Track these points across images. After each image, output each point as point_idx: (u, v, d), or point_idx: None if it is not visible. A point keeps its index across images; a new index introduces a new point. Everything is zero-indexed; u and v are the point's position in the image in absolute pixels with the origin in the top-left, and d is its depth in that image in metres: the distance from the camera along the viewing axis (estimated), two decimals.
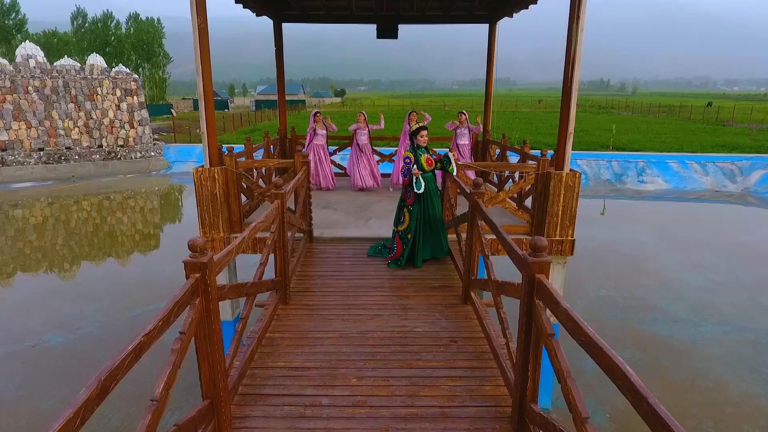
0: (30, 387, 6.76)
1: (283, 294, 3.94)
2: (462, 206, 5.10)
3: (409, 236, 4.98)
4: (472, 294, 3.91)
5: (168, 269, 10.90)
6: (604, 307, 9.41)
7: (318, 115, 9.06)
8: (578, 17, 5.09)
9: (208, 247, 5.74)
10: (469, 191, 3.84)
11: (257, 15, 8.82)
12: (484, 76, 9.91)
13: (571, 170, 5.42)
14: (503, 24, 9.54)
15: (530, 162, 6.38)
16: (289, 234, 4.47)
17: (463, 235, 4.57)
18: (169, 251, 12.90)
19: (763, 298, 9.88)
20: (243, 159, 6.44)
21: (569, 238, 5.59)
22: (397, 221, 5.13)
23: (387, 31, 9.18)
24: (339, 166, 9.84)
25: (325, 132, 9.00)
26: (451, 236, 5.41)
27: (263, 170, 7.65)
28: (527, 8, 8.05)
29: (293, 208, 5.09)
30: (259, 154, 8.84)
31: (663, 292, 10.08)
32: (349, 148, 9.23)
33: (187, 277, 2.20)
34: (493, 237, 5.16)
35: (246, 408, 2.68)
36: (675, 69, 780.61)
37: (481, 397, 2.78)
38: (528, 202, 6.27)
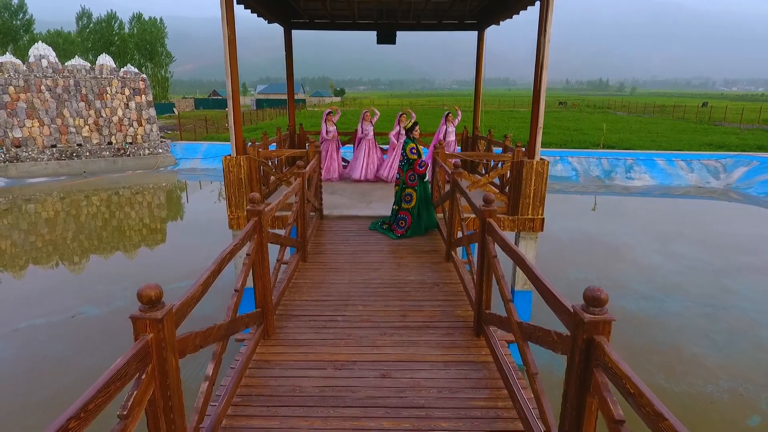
0: (74, 349, 7.77)
1: (303, 253, 4.98)
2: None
3: (414, 211, 6.09)
4: (453, 254, 4.94)
5: (179, 258, 11.86)
6: (581, 287, 10.30)
7: (330, 114, 10.07)
8: (546, 30, 6.10)
9: (234, 225, 6.77)
10: (450, 171, 4.86)
11: (269, 22, 9.82)
12: (482, 76, 10.87)
13: (540, 159, 6.43)
14: (506, 25, 10.40)
15: (508, 153, 7.38)
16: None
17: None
18: (178, 243, 13.83)
19: (726, 280, 10.90)
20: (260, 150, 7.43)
21: (539, 216, 6.60)
22: (402, 201, 6.18)
23: (386, 37, 10.18)
24: (345, 160, 10.78)
25: (334, 129, 10.00)
26: (439, 215, 6.43)
27: (276, 161, 8.66)
28: (511, 17, 9.06)
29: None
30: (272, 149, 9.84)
31: (636, 275, 11.10)
32: (351, 145, 10.22)
33: (248, 221, 3.21)
34: (472, 216, 6.19)
35: (282, 322, 3.71)
36: (674, 69, 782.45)
37: (453, 317, 3.82)
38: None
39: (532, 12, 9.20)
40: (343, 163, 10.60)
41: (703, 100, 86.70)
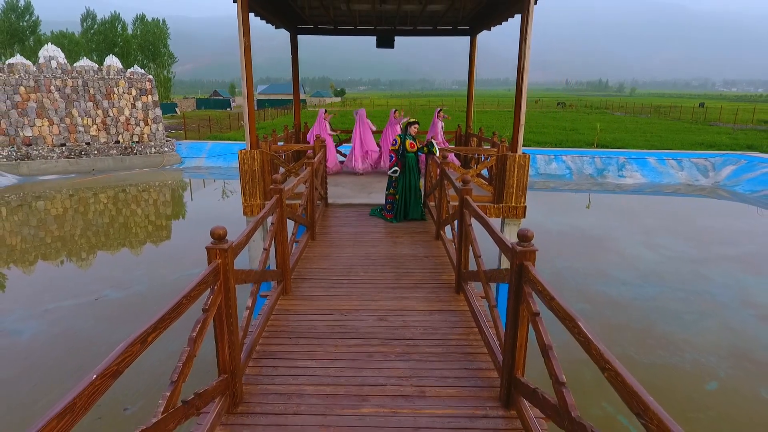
0: (101, 327, 8.52)
1: (312, 232, 5.76)
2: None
3: (397, 197, 6.87)
4: (441, 232, 5.72)
5: (189, 251, 12.59)
6: (566, 275, 11.19)
7: (326, 113, 10.95)
8: (526, 39, 6.86)
9: (248, 212, 7.53)
10: (439, 162, 5.63)
11: (276, 28, 10.59)
12: (483, 77, 11.85)
13: (522, 153, 7.19)
14: (506, 27, 11.03)
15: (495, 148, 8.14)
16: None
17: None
18: (186, 237, 14.54)
19: (703, 269, 11.66)
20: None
21: (522, 204, 7.37)
22: (389, 188, 6.99)
23: (385, 42, 10.96)
24: (342, 153, 11.62)
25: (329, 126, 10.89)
26: (432, 203, 7.20)
27: (283, 156, 9.43)
28: (500, 24, 9.82)
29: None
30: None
31: (618, 264, 11.85)
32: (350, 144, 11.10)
33: (270, 198, 3.98)
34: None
35: (297, 284, 4.49)
36: (674, 70, 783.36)
37: (439, 280, 4.61)
38: None
39: (533, 13, 9.81)
40: (342, 158, 11.43)
41: (701, 100, 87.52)
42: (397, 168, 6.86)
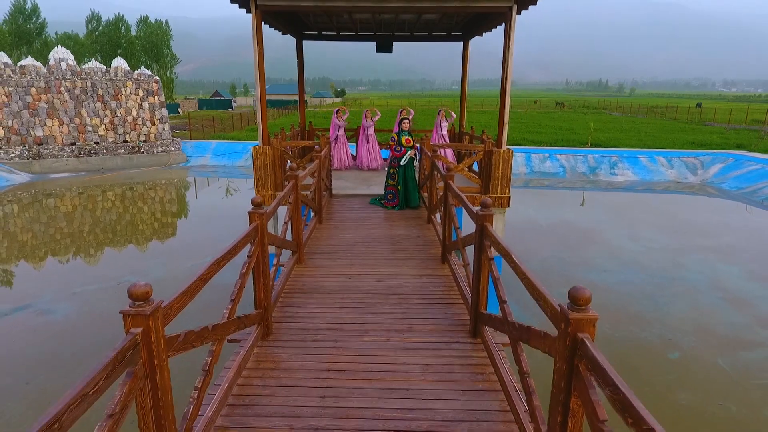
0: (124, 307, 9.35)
1: (319, 217, 6.62)
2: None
3: (398, 188, 7.74)
4: (432, 217, 6.57)
5: (201, 242, 13.43)
6: (553, 263, 12.02)
7: (339, 112, 11.82)
8: (509, 46, 7.71)
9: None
10: (430, 155, 6.48)
11: (283, 34, 11.43)
12: (483, 77, 12.72)
13: (506, 149, 8.03)
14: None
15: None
16: None
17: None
18: (193, 232, 15.37)
19: (681, 258, 12.49)
20: None
21: (506, 195, 8.21)
22: (389, 180, 7.86)
23: (384, 47, 11.82)
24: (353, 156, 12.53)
25: (343, 125, 11.74)
26: (425, 193, 8.07)
27: (290, 151, 10.29)
28: (490, 31, 10.67)
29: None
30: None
31: (603, 254, 12.69)
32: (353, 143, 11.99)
33: (286, 184, 4.82)
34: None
35: (309, 256, 5.36)
36: (674, 70, 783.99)
37: (428, 253, 5.48)
38: None
39: (531, 13, 10.67)
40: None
41: (700, 101, 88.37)
42: (408, 154, 7.78)
